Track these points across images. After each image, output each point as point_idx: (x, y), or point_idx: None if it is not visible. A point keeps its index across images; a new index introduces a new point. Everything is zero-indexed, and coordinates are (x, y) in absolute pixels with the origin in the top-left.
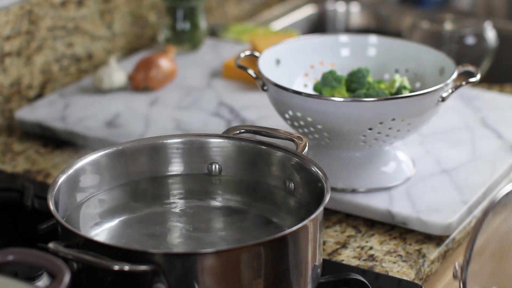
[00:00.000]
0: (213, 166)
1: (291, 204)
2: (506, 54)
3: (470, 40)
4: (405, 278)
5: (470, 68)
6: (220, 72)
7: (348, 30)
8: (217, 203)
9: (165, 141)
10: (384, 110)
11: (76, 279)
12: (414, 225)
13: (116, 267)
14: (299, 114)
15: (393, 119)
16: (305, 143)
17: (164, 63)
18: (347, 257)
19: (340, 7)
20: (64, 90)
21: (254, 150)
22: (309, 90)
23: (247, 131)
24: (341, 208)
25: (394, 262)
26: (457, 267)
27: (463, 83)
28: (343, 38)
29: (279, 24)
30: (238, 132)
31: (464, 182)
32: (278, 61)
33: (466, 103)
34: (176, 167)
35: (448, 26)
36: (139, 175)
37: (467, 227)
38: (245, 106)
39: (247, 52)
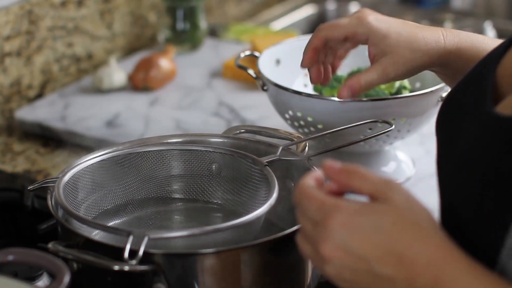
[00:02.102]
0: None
1: (291, 204)
2: None
3: None
4: None
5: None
6: (220, 72)
7: None
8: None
9: (165, 141)
10: (384, 110)
11: (76, 279)
12: None
13: (116, 267)
14: (299, 114)
15: (393, 119)
16: (305, 143)
17: (164, 63)
18: None
19: (340, 7)
20: (64, 90)
21: (254, 150)
22: (309, 90)
23: (247, 131)
24: None
25: None
26: None
27: None
28: None
29: (279, 24)
30: (238, 132)
31: None
32: (278, 61)
33: None
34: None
35: (448, 26)
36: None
37: None
38: (245, 106)
39: (247, 52)
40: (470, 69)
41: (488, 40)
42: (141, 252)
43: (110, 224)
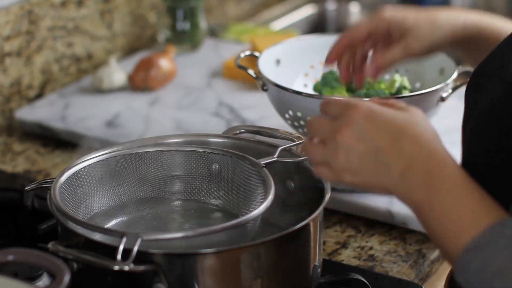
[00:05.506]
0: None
1: (291, 204)
2: None
3: None
4: (405, 278)
5: (470, 68)
6: (220, 72)
7: None
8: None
9: (165, 141)
10: None
11: (76, 279)
12: (414, 225)
13: (116, 267)
14: (299, 114)
15: None
16: None
17: (164, 63)
18: (347, 257)
19: (340, 7)
20: (64, 90)
21: (254, 150)
22: (309, 90)
23: (247, 131)
24: (341, 208)
25: (394, 262)
26: None
27: (463, 83)
28: None
29: (279, 24)
30: (238, 132)
31: None
32: (278, 61)
33: None
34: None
35: None
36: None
37: None
38: (245, 106)
39: (247, 52)
40: (495, 46)
41: (506, 21)
42: (134, 253)
43: (109, 224)
